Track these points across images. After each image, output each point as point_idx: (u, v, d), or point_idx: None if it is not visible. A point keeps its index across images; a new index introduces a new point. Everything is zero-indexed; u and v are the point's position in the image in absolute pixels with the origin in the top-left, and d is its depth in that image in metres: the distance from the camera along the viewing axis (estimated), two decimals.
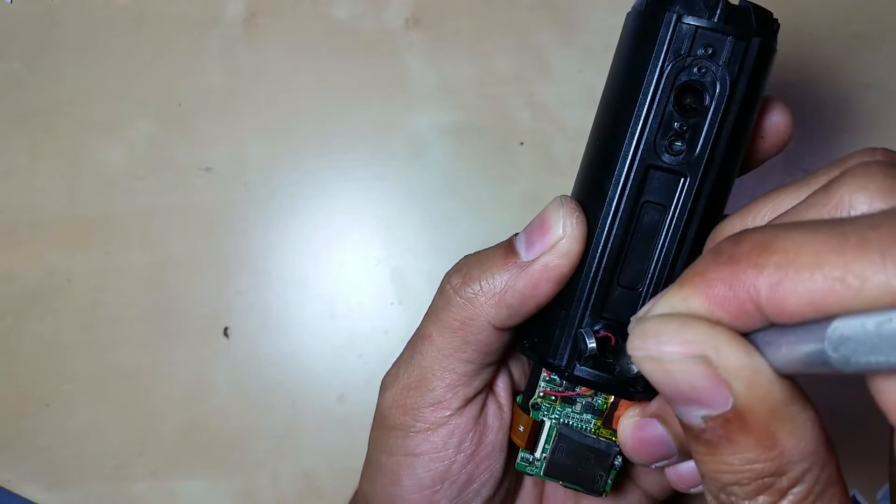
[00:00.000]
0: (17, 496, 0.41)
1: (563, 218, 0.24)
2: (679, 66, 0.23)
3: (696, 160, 0.23)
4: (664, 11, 0.23)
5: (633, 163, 0.23)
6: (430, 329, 0.27)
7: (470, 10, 0.42)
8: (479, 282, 0.26)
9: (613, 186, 0.24)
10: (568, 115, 0.41)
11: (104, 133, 0.42)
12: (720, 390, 0.17)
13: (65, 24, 0.42)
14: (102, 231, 0.42)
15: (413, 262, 0.41)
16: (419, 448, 0.27)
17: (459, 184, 0.41)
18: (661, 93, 0.23)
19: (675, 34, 0.22)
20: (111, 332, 0.41)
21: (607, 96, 0.25)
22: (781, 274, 0.16)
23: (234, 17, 0.42)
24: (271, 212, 0.42)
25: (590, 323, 0.25)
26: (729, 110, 0.23)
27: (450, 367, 0.26)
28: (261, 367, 0.41)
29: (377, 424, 0.28)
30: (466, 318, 0.26)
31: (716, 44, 0.22)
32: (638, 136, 0.23)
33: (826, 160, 0.40)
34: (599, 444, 0.27)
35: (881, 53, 0.41)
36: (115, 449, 0.41)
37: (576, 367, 0.25)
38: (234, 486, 0.41)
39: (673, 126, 0.23)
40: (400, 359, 0.28)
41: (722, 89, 0.23)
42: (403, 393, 0.27)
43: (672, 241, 0.24)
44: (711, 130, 0.23)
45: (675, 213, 0.24)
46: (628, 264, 0.24)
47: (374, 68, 0.42)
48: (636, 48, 0.23)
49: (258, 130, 0.42)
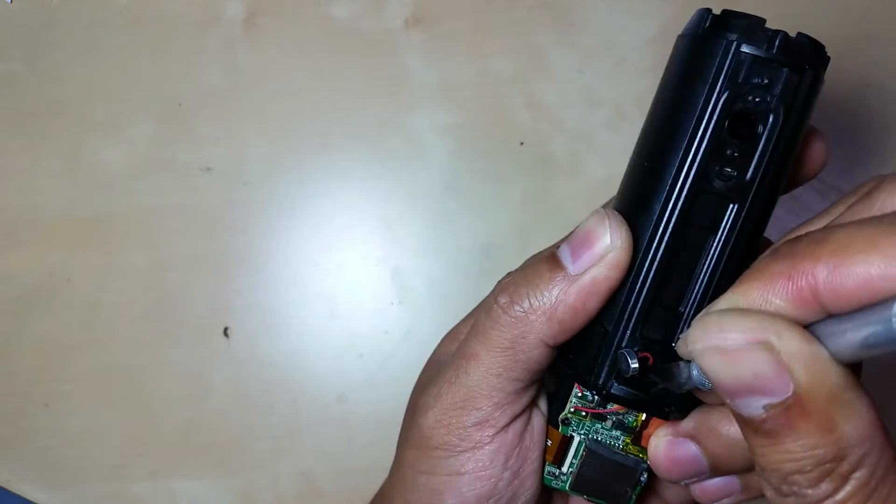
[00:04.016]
0: (17, 496, 0.41)
1: (611, 229, 0.24)
2: (735, 93, 0.23)
3: (745, 186, 0.23)
4: (723, 38, 0.23)
5: (684, 185, 0.23)
6: (477, 349, 0.26)
7: (470, 10, 0.42)
8: (527, 299, 0.25)
9: (663, 207, 0.24)
10: (568, 115, 0.41)
11: (104, 133, 0.42)
12: (782, 377, 0.18)
13: (65, 24, 0.42)
14: (102, 231, 0.42)
15: (413, 262, 0.41)
16: (464, 467, 0.26)
17: (459, 184, 0.41)
18: (717, 119, 0.23)
19: (733, 62, 0.23)
20: (111, 332, 0.41)
21: (658, 115, 0.25)
22: (838, 259, 0.17)
23: (234, 17, 0.42)
24: (271, 212, 0.42)
25: (629, 342, 0.25)
26: (780, 140, 0.23)
27: (498, 387, 0.26)
28: (261, 367, 0.41)
29: (415, 444, 0.27)
30: (517, 336, 0.25)
31: (772, 74, 0.23)
32: (691, 159, 0.23)
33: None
34: (628, 460, 0.27)
35: (881, 53, 0.41)
36: (115, 449, 0.41)
37: (613, 385, 0.25)
38: (234, 486, 0.41)
39: (725, 152, 0.23)
40: (441, 378, 0.27)
41: (775, 119, 0.23)
42: (448, 412, 0.27)
43: (717, 264, 0.24)
44: (763, 158, 0.23)
45: (721, 238, 0.24)
46: (671, 285, 0.24)
47: (374, 68, 0.42)
48: (692, 71, 0.24)
49: (258, 130, 0.42)
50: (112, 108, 0.42)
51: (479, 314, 0.27)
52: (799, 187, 0.27)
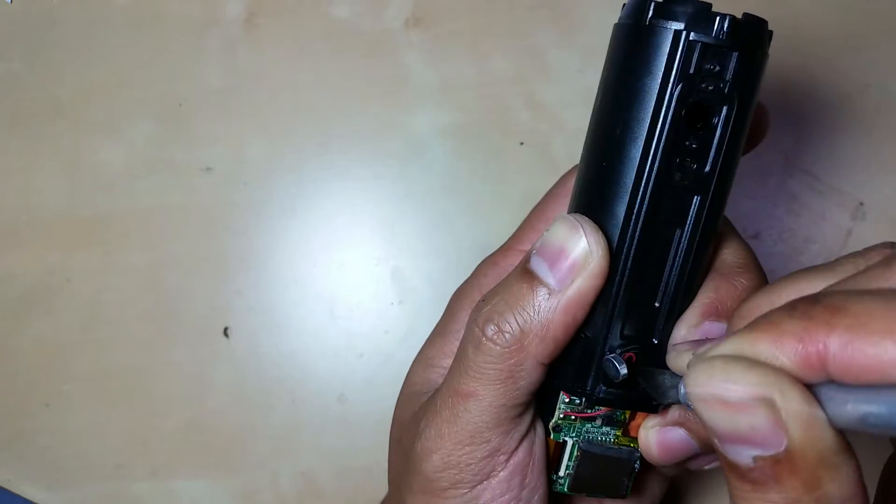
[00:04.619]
0: (17, 496, 0.41)
1: (587, 237, 0.24)
2: (689, 84, 0.22)
3: (707, 176, 0.23)
4: (670, 28, 0.22)
5: (647, 183, 0.23)
6: (473, 386, 0.25)
7: (470, 10, 0.42)
8: (516, 324, 0.24)
9: (629, 208, 0.23)
10: (568, 115, 0.41)
11: (104, 133, 0.42)
12: (777, 433, 0.18)
13: (65, 24, 0.42)
14: (102, 231, 0.42)
15: (413, 262, 0.41)
16: (480, 499, 0.26)
17: (459, 184, 0.41)
18: (673, 113, 0.22)
19: (684, 52, 0.22)
20: (111, 332, 0.41)
21: (610, 113, 0.24)
22: (852, 335, 0.17)
23: (234, 17, 0.42)
24: (271, 212, 0.42)
25: (611, 346, 0.24)
26: (737, 124, 0.23)
27: (504, 416, 0.25)
28: (261, 367, 0.41)
29: (421, 489, 0.27)
30: (514, 365, 0.25)
31: (723, 60, 0.22)
32: (652, 156, 0.23)
33: (826, 160, 0.40)
34: (621, 452, 0.27)
35: (881, 53, 0.41)
36: (115, 449, 0.41)
37: (602, 390, 0.25)
38: (234, 486, 0.41)
39: (684, 145, 0.23)
40: (437, 419, 0.26)
41: (730, 105, 0.23)
42: (454, 452, 0.26)
43: (687, 255, 0.24)
44: (721, 146, 0.23)
45: (688, 230, 0.24)
46: (644, 282, 0.24)
47: (374, 68, 0.42)
48: (640, 65, 0.23)
49: (258, 130, 0.42)
50: (112, 108, 0.42)
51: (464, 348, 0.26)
52: (796, 184, 0.27)
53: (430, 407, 0.27)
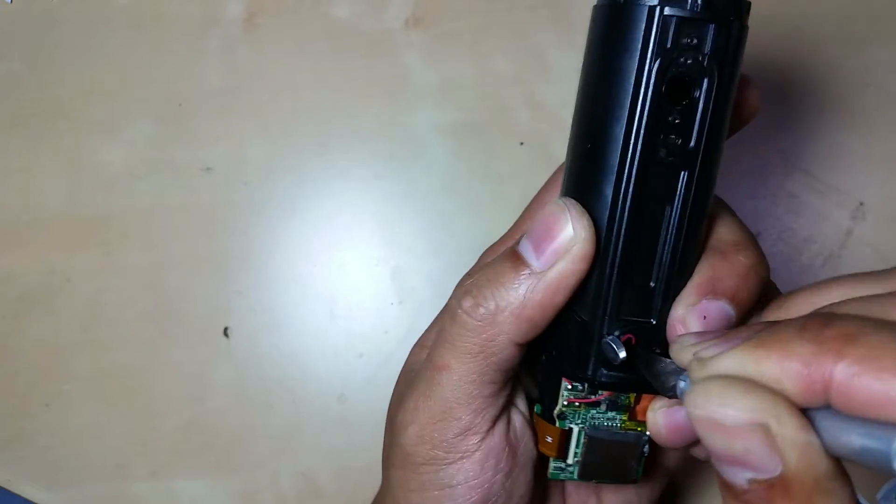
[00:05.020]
0: (17, 496, 0.41)
1: (572, 220, 0.24)
2: (667, 60, 0.22)
3: (692, 151, 0.23)
4: (644, 4, 0.22)
5: (633, 162, 0.23)
6: (447, 359, 0.26)
7: (470, 10, 0.42)
8: (493, 300, 0.25)
9: (616, 188, 0.23)
10: (568, 115, 0.41)
11: (104, 133, 0.42)
12: (773, 458, 0.18)
13: (65, 24, 0.42)
14: (102, 231, 0.42)
15: (413, 262, 0.41)
16: (454, 479, 0.26)
17: (459, 184, 0.41)
18: (654, 89, 0.22)
19: (659, 28, 0.22)
20: (111, 332, 0.41)
21: (592, 94, 0.24)
22: (862, 367, 0.16)
23: (234, 17, 0.42)
24: (271, 212, 0.42)
25: (610, 329, 0.24)
26: (718, 97, 0.23)
27: (475, 393, 0.25)
28: (261, 367, 0.41)
29: (400, 464, 0.27)
30: (486, 340, 0.25)
31: (700, 32, 0.22)
32: (635, 135, 0.23)
33: (826, 160, 0.40)
34: (628, 437, 0.27)
35: (881, 53, 0.41)
36: (115, 449, 0.41)
37: (603, 374, 0.25)
38: (234, 486, 0.41)
39: (667, 121, 0.23)
40: (415, 392, 0.27)
41: (710, 78, 0.23)
42: (428, 427, 0.26)
43: (678, 233, 0.24)
44: (705, 119, 0.23)
45: (678, 207, 0.24)
46: (637, 263, 0.24)
47: (374, 68, 0.42)
48: (618, 44, 0.23)
49: (258, 130, 0.42)
50: (112, 108, 0.42)
51: (443, 321, 0.26)
52: (796, 183, 0.27)
53: (410, 382, 0.27)
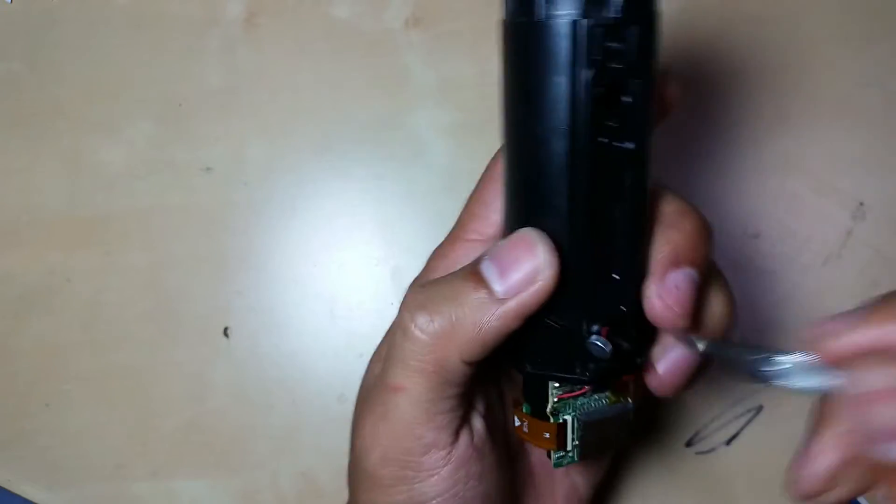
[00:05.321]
0: (17, 496, 0.41)
1: (542, 255, 0.24)
2: (598, 70, 0.22)
3: (634, 150, 0.23)
4: (565, 18, 0.22)
5: (583, 175, 0.23)
6: (400, 379, 0.25)
7: (470, 10, 0.42)
8: (448, 318, 0.24)
9: (570, 201, 0.24)
10: None
11: (104, 133, 0.42)
12: None
13: (65, 24, 0.42)
14: (102, 231, 0.42)
15: (413, 262, 0.41)
16: (427, 495, 0.26)
17: (459, 184, 0.41)
18: (590, 102, 0.23)
19: (585, 39, 0.22)
20: (111, 332, 0.41)
21: (526, 114, 0.24)
22: None
23: (234, 17, 0.42)
24: (271, 212, 0.42)
25: (588, 328, 0.25)
26: (648, 93, 0.23)
27: (433, 411, 0.25)
28: (261, 367, 0.41)
29: (369, 487, 0.27)
30: (440, 359, 0.25)
31: (623, 36, 0.22)
32: (581, 150, 0.23)
33: (826, 160, 0.40)
34: (615, 410, 0.27)
35: (881, 53, 0.41)
36: (115, 449, 0.41)
37: (592, 368, 0.25)
38: (234, 486, 0.41)
39: (606, 127, 0.23)
40: (372, 416, 0.26)
41: (640, 77, 0.23)
42: (392, 449, 0.26)
43: (632, 225, 0.25)
44: (639, 117, 0.23)
45: (627, 202, 0.24)
46: (600, 261, 0.25)
47: (374, 68, 0.42)
48: (545, 62, 0.23)
49: (258, 130, 0.42)
50: (112, 108, 0.42)
51: (394, 335, 0.26)
52: (796, 183, 0.27)
53: (366, 403, 0.27)
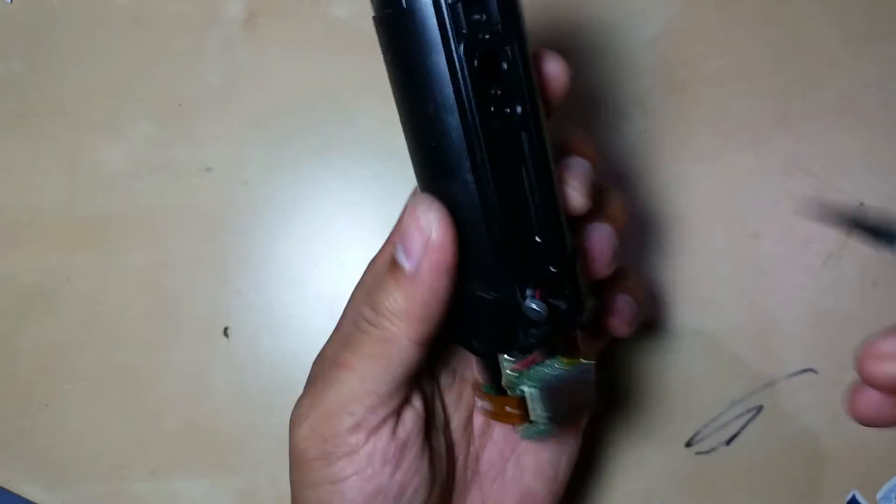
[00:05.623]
0: (17, 496, 0.41)
1: (422, 216, 0.25)
2: (469, 42, 0.23)
3: (524, 112, 0.24)
4: (426, 1, 0.23)
5: (479, 145, 0.24)
6: (348, 358, 0.27)
7: None
8: (384, 306, 0.26)
9: (474, 171, 0.24)
10: (568, 115, 0.41)
11: (104, 133, 0.42)
12: None
13: (65, 24, 0.42)
14: (102, 231, 0.42)
15: None
16: (344, 472, 0.27)
17: None
18: (469, 73, 0.23)
19: (449, 17, 0.23)
20: (111, 332, 0.41)
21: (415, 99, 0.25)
22: None
23: (234, 17, 0.42)
24: (271, 212, 0.42)
25: (521, 294, 0.25)
26: (525, 56, 0.24)
27: (370, 390, 0.27)
28: (261, 367, 0.41)
29: (294, 462, 0.28)
30: (386, 343, 0.26)
31: (484, 7, 0.23)
32: (471, 120, 0.24)
33: (826, 160, 0.40)
34: (574, 372, 0.28)
35: (881, 53, 0.41)
36: (115, 449, 0.41)
37: (533, 334, 0.26)
38: (234, 486, 0.41)
39: (492, 94, 0.24)
40: (313, 389, 0.28)
41: (510, 43, 0.24)
42: (320, 423, 0.27)
43: (540, 185, 0.25)
44: (521, 80, 0.24)
45: (531, 162, 0.25)
46: (518, 227, 0.25)
47: (374, 68, 0.42)
48: (419, 45, 0.24)
49: (258, 130, 0.42)
50: (112, 108, 0.42)
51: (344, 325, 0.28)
52: (796, 183, 0.27)
53: (312, 380, 0.29)
